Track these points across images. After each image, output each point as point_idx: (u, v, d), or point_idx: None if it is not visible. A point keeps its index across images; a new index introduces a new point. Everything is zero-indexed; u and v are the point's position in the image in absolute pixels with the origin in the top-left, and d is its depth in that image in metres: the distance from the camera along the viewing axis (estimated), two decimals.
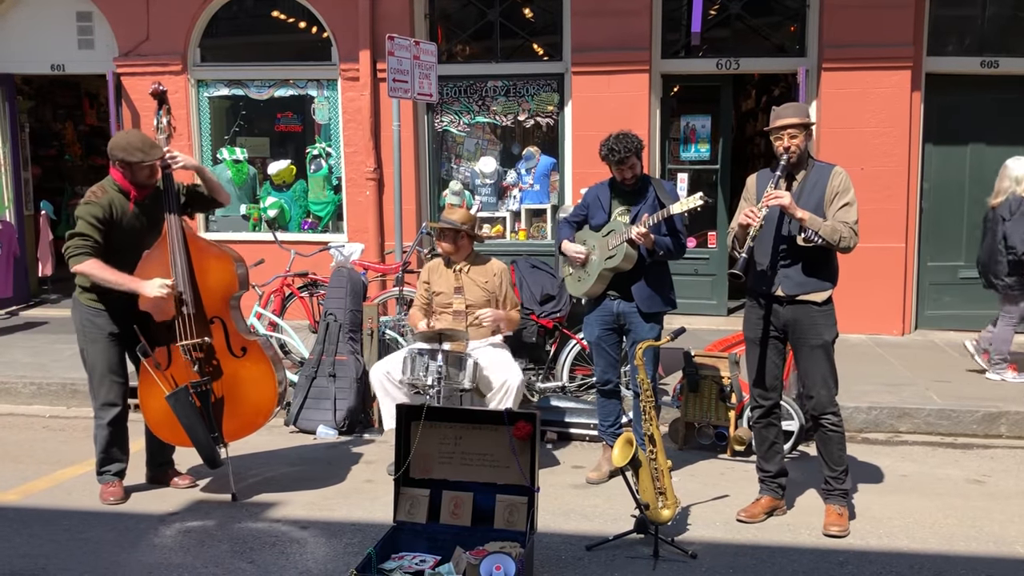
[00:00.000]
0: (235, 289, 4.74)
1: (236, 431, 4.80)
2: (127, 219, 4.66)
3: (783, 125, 4.31)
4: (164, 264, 4.63)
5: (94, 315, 4.69)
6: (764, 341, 4.49)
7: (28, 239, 10.15)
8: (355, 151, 9.05)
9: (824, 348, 4.36)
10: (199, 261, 4.69)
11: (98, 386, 4.74)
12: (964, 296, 8.60)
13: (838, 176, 4.35)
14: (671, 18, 8.70)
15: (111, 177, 4.68)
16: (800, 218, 4.21)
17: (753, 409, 4.65)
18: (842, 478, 4.44)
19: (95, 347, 4.71)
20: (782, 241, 4.36)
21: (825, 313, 4.36)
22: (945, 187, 8.50)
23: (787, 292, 4.35)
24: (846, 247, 4.24)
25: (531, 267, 6.81)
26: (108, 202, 4.59)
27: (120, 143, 4.59)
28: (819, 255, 4.32)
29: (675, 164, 8.96)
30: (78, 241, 4.52)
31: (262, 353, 4.76)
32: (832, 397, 4.39)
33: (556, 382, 6.49)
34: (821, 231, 4.19)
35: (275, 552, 4.19)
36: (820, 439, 4.46)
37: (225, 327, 4.72)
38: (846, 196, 4.31)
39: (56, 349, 7.87)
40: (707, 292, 9.01)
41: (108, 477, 4.82)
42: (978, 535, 4.37)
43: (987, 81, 8.34)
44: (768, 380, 4.54)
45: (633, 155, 4.88)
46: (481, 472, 4.00)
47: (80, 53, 9.58)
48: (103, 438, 4.76)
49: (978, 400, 6.26)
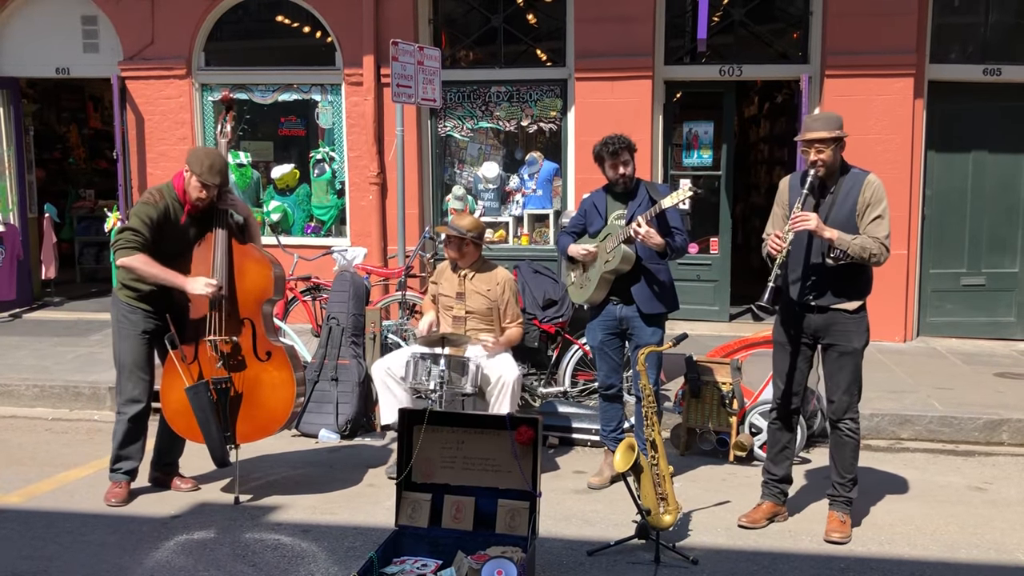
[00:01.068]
0: (270, 294, 4.79)
1: (249, 434, 4.82)
2: (178, 228, 4.72)
3: (810, 139, 4.20)
4: (206, 261, 4.70)
5: (130, 312, 4.75)
6: (794, 345, 4.45)
7: (32, 242, 10.16)
8: (358, 156, 9.07)
9: (853, 355, 4.34)
10: (240, 262, 4.76)
11: (125, 381, 4.79)
12: (966, 303, 8.60)
13: (871, 187, 4.25)
14: (674, 25, 8.73)
15: (171, 184, 4.75)
16: (828, 238, 4.13)
17: (771, 411, 4.63)
18: (849, 486, 4.44)
19: (126, 343, 4.76)
20: (811, 254, 4.30)
21: (857, 320, 4.32)
22: (947, 194, 8.50)
23: (819, 303, 4.31)
24: (876, 263, 4.18)
25: (534, 272, 6.82)
26: (164, 207, 4.66)
27: (199, 152, 4.70)
28: (851, 270, 4.25)
29: (677, 170, 8.96)
30: (128, 235, 4.57)
31: (286, 360, 4.79)
32: (854, 404, 4.39)
33: (558, 387, 6.50)
34: (850, 250, 4.12)
35: (277, 556, 4.20)
36: (835, 443, 4.46)
37: (254, 329, 4.77)
38: (878, 208, 4.22)
39: (59, 352, 7.88)
40: (709, 298, 9.01)
41: (119, 476, 4.84)
42: (980, 542, 4.37)
43: (990, 89, 8.35)
44: (793, 385, 4.50)
45: (626, 150, 4.90)
46: (483, 477, 4.01)
47: (85, 57, 9.61)
48: (121, 433, 4.80)
49: (980, 407, 6.25)
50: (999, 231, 8.52)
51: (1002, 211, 8.49)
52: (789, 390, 4.52)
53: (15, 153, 9.94)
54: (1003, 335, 8.55)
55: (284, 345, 4.87)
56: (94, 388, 6.77)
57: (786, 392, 4.53)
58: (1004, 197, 8.47)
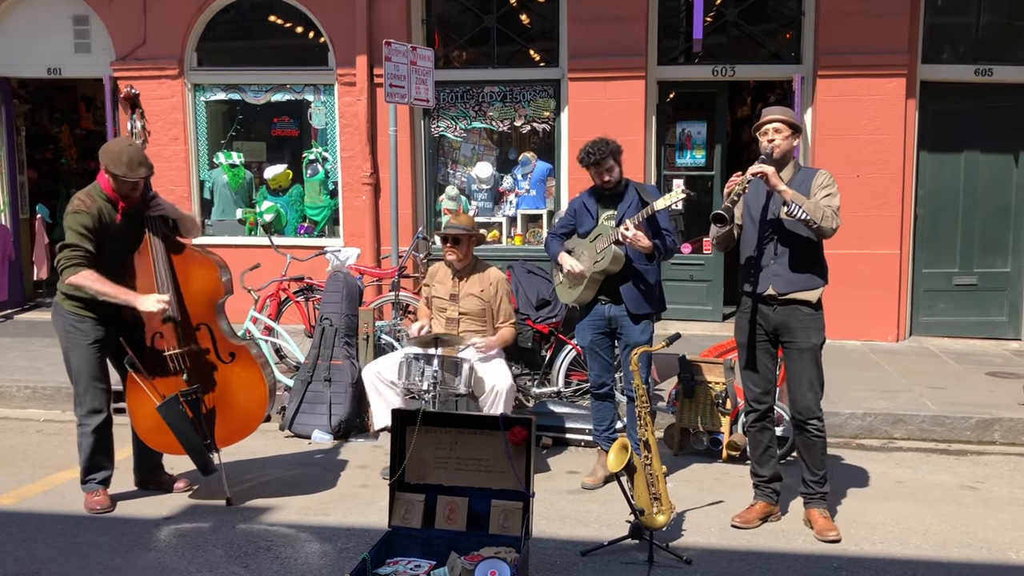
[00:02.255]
0: (220, 295, 4.72)
1: (228, 436, 4.78)
2: (115, 228, 4.61)
3: (767, 120, 4.41)
4: (149, 272, 4.59)
5: (78, 321, 4.62)
6: (755, 345, 4.51)
7: (24, 242, 10.14)
8: (351, 156, 9.06)
9: (812, 352, 4.39)
10: (182, 268, 4.66)
11: (83, 393, 4.68)
12: (958, 303, 8.63)
13: (822, 175, 4.42)
14: (667, 25, 8.74)
15: (99, 185, 4.61)
16: (782, 190, 4.23)
17: (747, 414, 4.67)
18: (823, 482, 4.50)
19: (79, 353, 4.64)
20: (767, 227, 4.37)
21: (815, 316, 4.39)
22: (939, 194, 8.53)
23: (778, 291, 4.36)
24: (828, 227, 4.23)
25: (527, 272, 6.82)
26: (97, 210, 4.53)
27: (111, 150, 4.52)
28: (807, 249, 4.34)
29: (671, 170, 8.98)
30: (69, 252, 4.47)
31: (251, 357, 4.75)
32: (817, 401, 4.42)
33: (552, 387, 6.50)
34: (804, 206, 4.19)
35: (270, 557, 4.19)
36: (803, 443, 4.50)
37: (212, 333, 4.70)
38: (830, 189, 4.35)
39: (51, 353, 7.83)
40: (702, 298, 9.03)
41: (93, 486, 4.77)
42: (972, 541, 4.39)
43: (981, 89, 8.38)
44: (761, 384, 4.55)
45: (610, 156, 4.90)
46: (476, 477, 4.01)
47: (77, 57, 9.58)
48: (88, 445, 4.72)
49: (972, 407, 6.27)
50: (991, 231, 8.55)
51: (994, 211, 8.52)
52: (761, 389, 4.56)
53: (7, 154, 9.92)
54: (995, 335, 8.58)
55: (246, 342, 4.84)
56: None
57: (755, 392, 4.57)
58: (996, 197, 8.50)
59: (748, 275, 4.46)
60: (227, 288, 4.77)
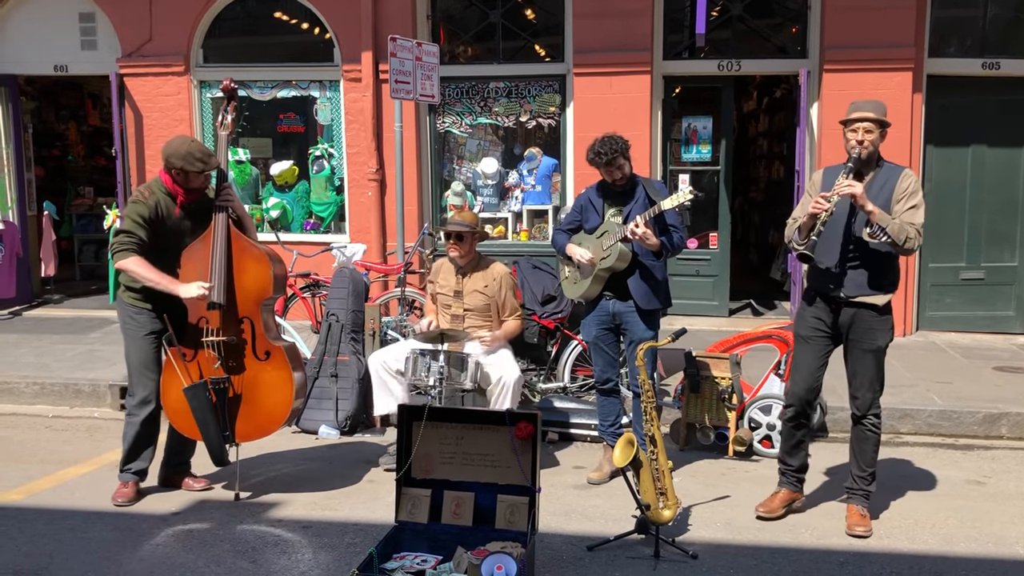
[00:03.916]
0: (269, 293, 4.76)
1: (248, 433, 4.81)
2: (172, 221, 4.71)
3: (860, 118, 4.26)
4: (204, 259, 4.67)
5: (136, 313, 4.74)
6: (815, 341, 4.47)
7: (31, 239, 10.17)
8: (357, 152, 9.07)
9: (876, 353, 4.37)
10: (239, 260, 4.72)
11: (136, 383, 4.78)
12: (965, 297, 8.60)
13: (908, 178, 4.30)
14: (673, 20, 8.72)
15: (159, 179, 4.73)
16: (870, 211, 4.14)
17: (787, 407, 4.62)
18: (869, 479, 4.48)
19: (134, 344, 4.76)
20: (848, 240, 4.31)
21: (883, 319, 4.36)
22: (946, 188, 8.50)
23: (848, 293, 4.33)
24: (910, 248, 4.19)
25: (533, 268, 6.83)
26: (155, 203, 4.65)
27: (180, 152, 4.61)
28: (883, 258, 4.29)
29: (676, 165, 8.97)
30: (123, 238, 4.58)
31: (284, 360, 4.76)
32: (877, 399, 4.43)
33: (557, 383, 6.50)
34: (889, 228, 4.13)
35: (277, 552, 4.21)
36: (858, 438, 4.49)
37: (253, 329, 4.75)
38: (914, 198, 4.25)
39: (59, 349, 7.89)
40: (709, 293, 9.02)
41: (128, 476, 4.83)
42: (978, 536, 4.38)
43: (988, 82, 8.33)
44: (810, 381, 4.51)
45: (620, 155, 4.89)
46: (482, 472, 4.02)
47: (83, 54, 9.60)
48: (132, 435, 4.78)
49: (979, 401, 6.26)
50: (998, 225, 8.51)
51: (1001, 205, 8.49)
52: (808, 385, 4.52)
53: (14, 151, 9.94)
54: (1002, 329, 8.56)
55: (284, 344, 4.85)
56: (94, 385, 6.77)
57: (803, 388, 4.52)
58: (1003, 191, 8.47)
59: (820, 272, 4.39)
60: (278, 287, 4.81)
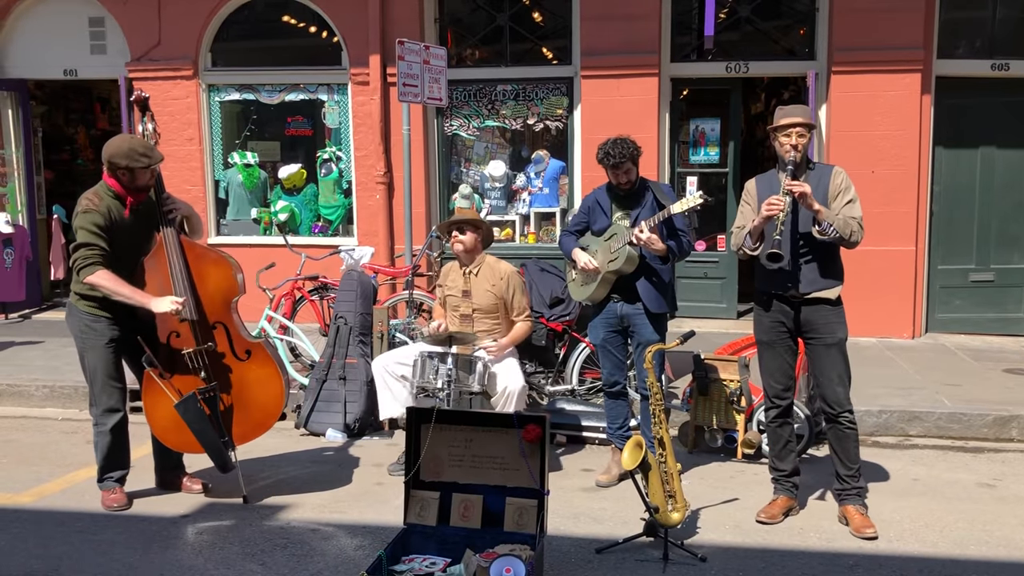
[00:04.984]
0: (235, 293, 4.74)
1: (246, 434, 4.82)
2: (124, 225, 4.62)
3: (792, 123, 4.38)
4: (164, 273, 4.61)
5: (93, 321, 4.64)
6: (777, 342, 4.55)
7: (41, 243, 10.23)
8: (365, 155, 9.09)
9: (839, 346, 4.43)
10: (198, 268, 4.68)
11: (100, 393, 4.71)
12: (974, 299, 8.57)
13: (839, 175, 4.44)
14: (680, 22, 8.71)
15: (105, 183, 4.62)
16: (817, 209, 4.26)
17: (768, 410, 4.68)
18: (857, 476, 4.49)
19: (94, 353, 4.67)
20: (795, 239, 4.40)
21: (837, 311, 4.45)
22: (955, 190, 8.47)
23: (802, 291, 4.41)
24: (855, 241, 4.32)
25: (540, 270, 6.82)
26: (106, 208, 4.55)
27: (122, 150, 4.51)
28: (829, 253, 4.41)
29: (684, 167, 8.96)
30: (85, 252, 4.48)
31: (267, 354, 4.78)
32: (847, 394, 4.45)
33: (565, 385, 6.50)
34: (835, 224, 4.25)
35: (286, 554, 4.21)
36: (835, 437, 4.49)
37: (228, 331, 4.74)
38: (849, 193, 4.38)
39: (68, 352, 7.87)
40: (716, 295, 9.01)
41: (110, 484, 4.81)
42: (989, 539, 4.36)
43: (998, 83, 8.31)
44: (783, 380, 4.59)
45: (628, 160, 4.89)
46: (491, 475, 4.02)
47: (92, 58, 9.66)
48: (105, 444, 4.75)
49: (989, 404, 6.23)
50: (1008, 226, 8.49)
51: (1011, 206, 8.46)
52: (783, 386, 4.60)
53: (24, 155, 10.00)
54: (1012, 331, 8.52)
55: (261, 339, 4.87)
56: None
57: (776, 388, 4.60)
58: (1013, 192, 8.44)
59: (770, 275, 4.47)
60: (242, 287, 4.79)
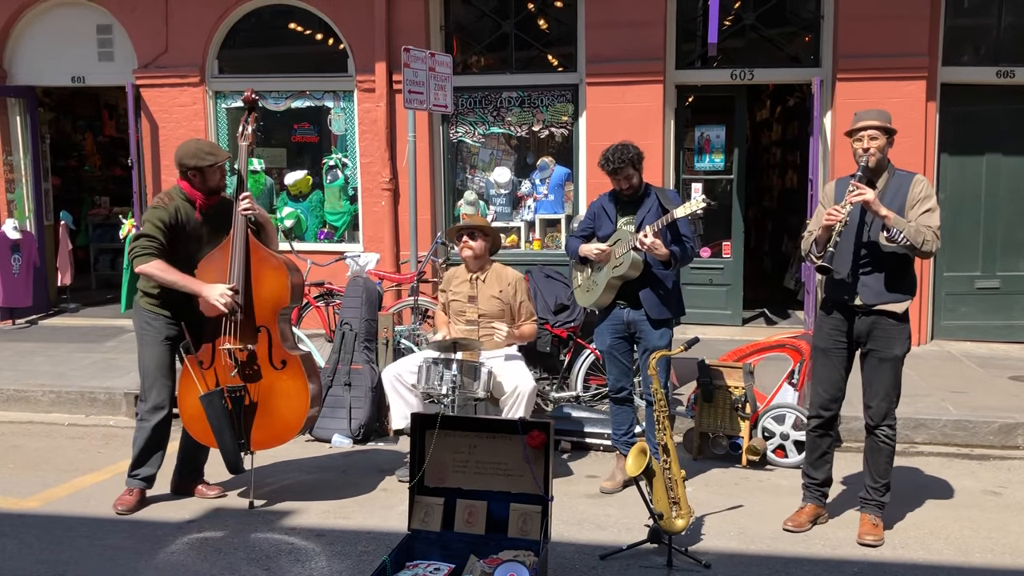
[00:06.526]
0: (286, 302, 4.76)
1: (263, 441, 4.83)
2: (192, 227, 4.75)
3: (863, 126, 4.28)
4: (223, 268, 4.69)
5: (152, 319, 4.77)
6: (832, 350, 4.45)
7: (48, 249, 10.26)
8: (371, 162, 9.12)
9: (894, 362, 4.34)
10: (257, 270, 4.74)
11: (150, 388, 4.79)
12: (980, 306, 8.56)
13: (920, 183, 4.30)
14: (686, 29, 8.73)
15: (178, 186, 4.77)
16: (884, 216, 4.14)
17: (810, 419, 4.61)
18: (883, 491, 4.44)
19: (150, 350, 4.78)
20: (863, 247, 4.30)
21: (901, 327, 4.33)
22: (961, 197, 8.46)
23: (865, 301, 4.31)
24: (928, 251, 4.19)
25: (545, 277, 6.83)
26: (175, 208, 4.68)
27: (189, 151, 4.69)
28: (899, 263, 4.28)
29: (689, 174, 8.96)
30: (144, 242, 4.61)
31: (300, 369, 4.77)
32: (892, 410, 4.39)
33: (570, 392, 6.50)
34: (906, 231, 4.13)
35: (291, 560, 4.22)
36: (871, 448, 4.46)
37: (270, 337, 4.76)
38: (928, 202, 4.25)
39: (75, 358, 7.94)
40: (722, 302, 9.00)
41: (136, 482, 4.85)
42: (994, 547, 4.35)
43: (1003, 91, 8.31)
44: (833, 392, 4.49)
45: (628, 166, 4.89)
46: (495, 481, 4.02)
47: (100, 65, 9.70)
48: (143, 440, 4.80)
49: (995, 411, 6.22)
50: (1014, 233, 8.47)
51: (1016, 213, 8.45)
52: (831, 397, 4.50)
53: (31, 161, 10.04)
54: (1018, 338, 8.50)
55: (300, 354, 4.85)
56: (110, 394, 6.82)
57: (826, 399, 4.51)
58: (1018, 199, 8.43)
59: (836, 282, 4.37)
60: (295, 296, 4.81)
